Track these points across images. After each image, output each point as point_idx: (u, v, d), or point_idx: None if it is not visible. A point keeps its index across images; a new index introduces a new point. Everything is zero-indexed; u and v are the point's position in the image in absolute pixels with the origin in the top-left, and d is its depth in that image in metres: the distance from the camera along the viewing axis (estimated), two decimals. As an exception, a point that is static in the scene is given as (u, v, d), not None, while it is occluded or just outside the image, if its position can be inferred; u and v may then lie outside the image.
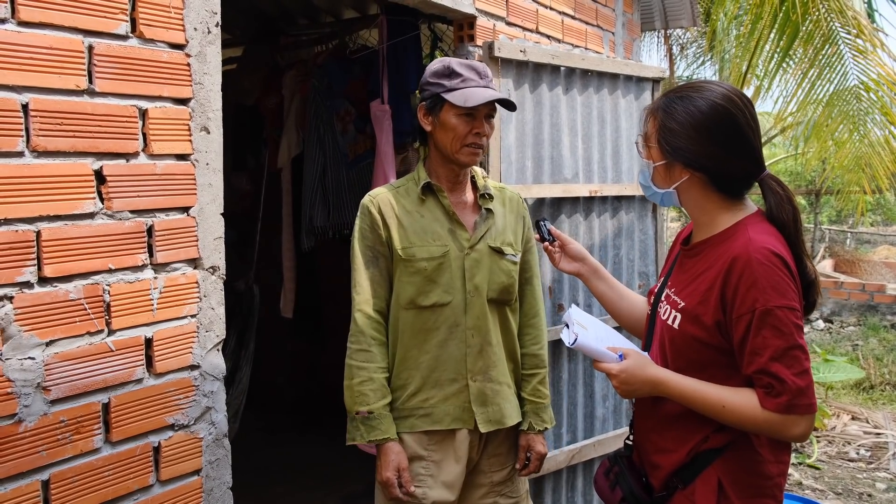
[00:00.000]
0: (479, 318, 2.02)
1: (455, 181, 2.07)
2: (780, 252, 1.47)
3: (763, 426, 1.46)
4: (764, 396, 1.44)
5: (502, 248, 2.07)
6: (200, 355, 1.81)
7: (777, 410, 1.43)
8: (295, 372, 5.13)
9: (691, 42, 10.93)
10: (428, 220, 2.03)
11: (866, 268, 10.51)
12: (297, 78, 4.04)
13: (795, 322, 1.44)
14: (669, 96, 1.60)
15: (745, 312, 1.45)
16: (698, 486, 1.54)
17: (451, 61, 1.99)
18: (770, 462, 1.54)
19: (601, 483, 1.76)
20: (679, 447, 1.57)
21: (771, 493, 1.54)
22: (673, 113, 1.56)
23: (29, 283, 1.49)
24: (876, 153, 6.39)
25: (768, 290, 1.43)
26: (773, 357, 1.42)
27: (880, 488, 4.43)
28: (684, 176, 1.57)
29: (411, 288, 1.99)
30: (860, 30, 5.70)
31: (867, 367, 6.78)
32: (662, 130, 1.57)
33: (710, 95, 1.53)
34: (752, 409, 1.46)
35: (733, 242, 1.51)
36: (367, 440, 1.95)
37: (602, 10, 3.67)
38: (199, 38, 1.79)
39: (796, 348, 1.43)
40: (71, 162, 1.55)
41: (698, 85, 1.59)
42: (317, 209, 3.79)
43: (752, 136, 1.54)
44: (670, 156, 1.57)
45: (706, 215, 1.60)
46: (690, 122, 1.53)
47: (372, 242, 2.02)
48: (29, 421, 1.49)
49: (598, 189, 3.23)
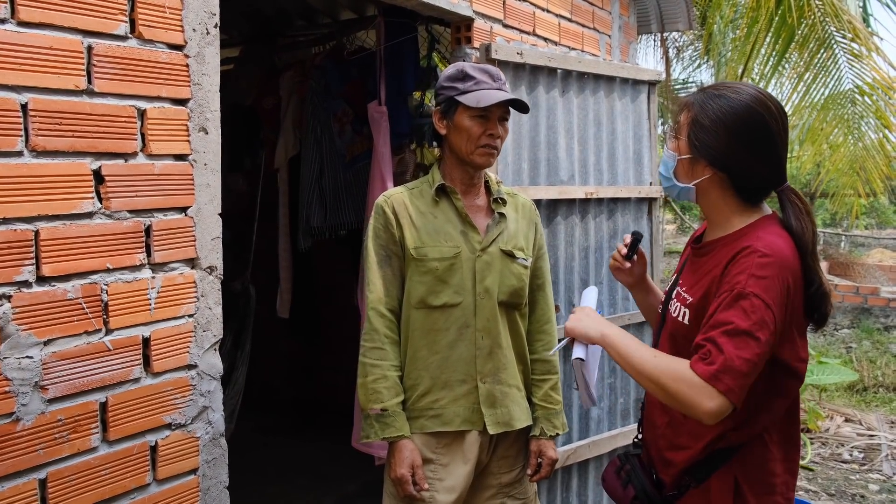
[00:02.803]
0: (489, 321, 2.03)
1: (469, 184, 2.09)
2: (785, 255, 1.46)
3: (682, 387, 1.42)
4: (696, 360, 1.43)
5: (514, 252, 2.08)
6: (197, 355, 1.82)
7: (701, 374, 1.40)
8: (291, 372, 5.13)
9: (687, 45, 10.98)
10: (441, 221, 2.04)
11: (860, 271, 10.55)
12: (295, 79, 4.04)
13: (764, 318, 1.41)
14: (707, 91, 1.59)
15: (724, 291, 1.45)
16: (714, 484, 1.55)
17: (464, 65, 2.02)
18: (778, 460, 1.55)
19: (612, 482, 1.76)
20: (694, 443, 1.57)
21: (780, 490, 1.55)
22: (707, 109, 1.55)
23: (27, 282, 1.49)
24: (870, 157, 6.42)
25: (753, 279, 1.42)
26: (726, 332, 1.41)
27: (873, 490, 4.45)
28: (707, 174, 1.57)
29: (422, 287, 2.00)
30: (855, 34, 5.73)
31: (861, 370, 6.81)
32: (694, 124, 1.57)
33: (746, 98, 1.53)
34: (680, 368, 1.44)
35: (742, 242, 1.51)
36: (381, 437, 1.95)
37: (599, 13, 3.69)
38: (197, 38, 1.80)
39: (752, 338, 1.40)
40: (69, 161, 1.56)
41: (736, 86, 1.58)
42: (314, 210, 3.79)
43: (781, 145, 1.54)
44: (697, 151, 1.56)
45: (721, 216, 1.60)
46: (723, 121, 1.52)
47: (385, 242, 2.04)
48: (26, 420, 1.50)
49: (594, 191, 3.25)
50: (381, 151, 3.26)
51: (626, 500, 1.70)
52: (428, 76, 3.71)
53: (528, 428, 2.13)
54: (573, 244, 3.16)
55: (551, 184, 3.10)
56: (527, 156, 3.01)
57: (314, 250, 4.05)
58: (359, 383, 2.01)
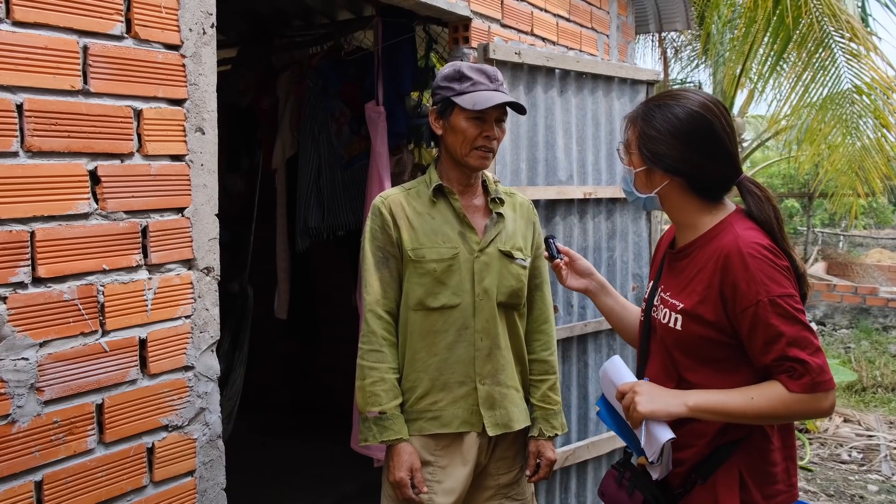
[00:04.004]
0: (488, 322, 2.02)
1: (466, 185, 2.08)
2: (771, 245, 1.53)
3: (797, 408, 1.50)
4: (788, 380, 1.48)
5: (512, 252, 2.07)
6: (195, 356, 1.81)
7: (804, 391, 1.47)
8: (289, 373, 5.12)
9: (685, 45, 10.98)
10: (438, 222, 2.03)
11: (859, 271, 10.56)
12: (292, 79, 4.04)
13: (797, 307, 1.49)
14: (649, 104, 1.66)
15: (749, 305, 1.49)
16: (719, 478, 1.57)
17: (461, 65, 2.00)
18: (777, 449, 1.59)
19: (614, 492, 1.74)
20: (698, 440, 1.60)
21: (781, 478, 1.59)
22: (652, 120, 1.62)
23: (23, 283, 1.49)
24: (869, 156, 6.42)
25: (766, 282, 1.48)
26: (789, 343, 1.47)
27: (872, 490, 4.45)
28: (664, 181, 1.63)
29: (420, 289, 1.99)
30: (853, 33, 5.73)
31: (859, 370, 6.81)
32: (642, 137, 1.64)
33: (687, 104, 1.60)
34: (780, 394, 1.49)
35: (721, 240, 1.56)
36: (379, 441, 1.95)
37: (597, 13, 3.69)
38: (194, 38, 1.79)
39: (805, 330, 1.49)
40: (65, 162, 1.55)
41: (676, 93, 1.65)
42: (311, 210, 3.78)
43: (728, 141, 1.60)
44: (650, 162, 1.63)
45: (687, 218, 1.65)
46: (669, 130, 1.59)
47: (382, 243, 2.03)
48: (22, 421, 1.49)
49: (593, 191, 3.24)
50: (378, 152, 3.25)
51: None
52: (425, 76, 3.70)
53: (527, 429, 2.13)
54: (572, 245, 3.15)
55: (549, 184, 3.10)
56: (525, 156, 3.00)
57: (312, 251, 4.04)
58: (357, 386, 2.00)
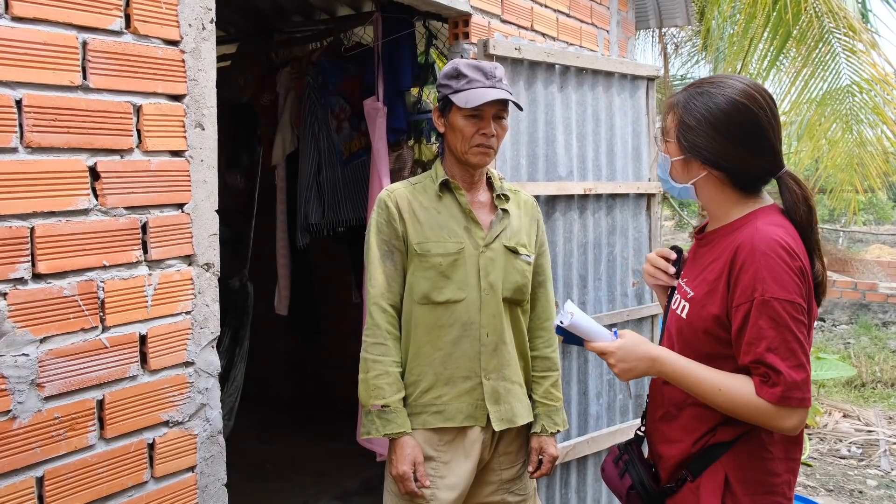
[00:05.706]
0: (494, 317, 2.03)
1: (470, 181, 2.08)
2: (788, 244, 1.44)
3: (755, 414, 1.44)
4: (760, 385, 1.43)
5: (517, 248, 2.07)
6: (195, 352, 1.81)
7: (771, 400, 1.41)
8: (289, 369, 5.12)
9: (686, 41, 10.96)
10: (444, 216, 2.03)
11: (858, 266, 10.56)
12: (292, 75, 4.03)
13: (794, 315, 1.41)
14: (690, 91, 1.57)
15: (744, 301, 1.44)
16: (704, 480, 1.53)
17: (459, 62, 2.00)
18: (779, 459, 1.52)
19: (610, 471, 1.75)
20: (684, 437, 1.57)
21: (780, 490, 1.52)
22: (692, 109, 1.53)
23: (23, 279, 1.49)
24: (868, 152, 6.42)
25: (768, 281, 1.41)
26: (769, 348, 1.41)
27: (871, 485, 4.45)
28: (702, 172, 1.56)
29: (426, 283, 1.99)
30: (853, 29, 5.72)
31: (859, 365, 6.82)
32: (681, 127, 1.56)
33: (730, 92, 1.50)
34: (747, 395, 1.44)
35: (741, 233, 1.49)
36: (382, 434, 1.94)
37: (597, 9, 3.68)
38: (193, 34, 1.79)
39: (793, 341, 1.41)
40: (65, 158, 1.55)
41: (718, 80, 1.55)
42: (311, 206, 3.78)
43: (773, 134, 1.52)
44: (688, 152, 1.55)
45: (720, 209, 1.59)
46: (709, 121, 1.51)
47: (388, 236, 2.03)
48: (23, 417, 1.49)
49: (593, 187, 3.24)
50: (377, 148, 3.25)
51: (622, 489, 1.69)
52: (425, 72, 3.70)
53: (529, 424, 2.13)
54: (572, 240, 3.15)
55: (550, 179, 3.09)
56: (525, 151, 3.00)
57: (312, 247, 4.04)
58: (360, 379, 2.00)
